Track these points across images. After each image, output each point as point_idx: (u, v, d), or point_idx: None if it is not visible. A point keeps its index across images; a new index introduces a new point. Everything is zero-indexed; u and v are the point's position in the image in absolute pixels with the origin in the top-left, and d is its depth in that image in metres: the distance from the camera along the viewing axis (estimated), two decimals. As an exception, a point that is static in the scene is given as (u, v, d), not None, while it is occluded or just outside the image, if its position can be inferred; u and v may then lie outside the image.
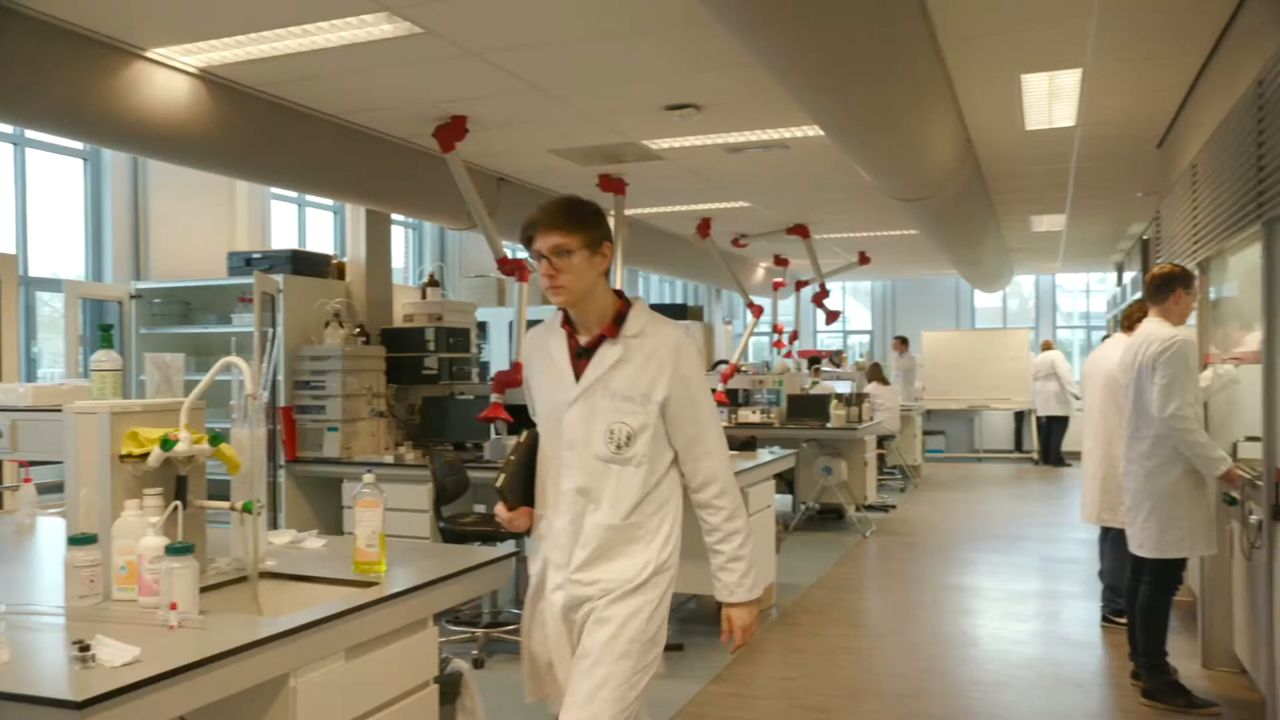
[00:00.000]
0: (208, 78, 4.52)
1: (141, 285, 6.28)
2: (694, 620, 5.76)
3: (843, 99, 4.07)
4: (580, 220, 2.41)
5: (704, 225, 9.37)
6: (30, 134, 5.93)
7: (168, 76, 4.32)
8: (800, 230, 9.88)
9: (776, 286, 12.02)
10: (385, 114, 5.35)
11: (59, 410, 2.48)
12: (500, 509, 2.52)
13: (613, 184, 7.02)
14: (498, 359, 8.88)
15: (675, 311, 13.43)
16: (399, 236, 9.29)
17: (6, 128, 5.78)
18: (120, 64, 4.10)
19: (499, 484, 2.50)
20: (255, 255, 6.23)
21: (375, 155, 5.74)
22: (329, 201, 8.38)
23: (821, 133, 5.48)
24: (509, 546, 4.48)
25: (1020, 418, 14.95)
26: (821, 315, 10.65)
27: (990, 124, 5.95)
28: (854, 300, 18.15)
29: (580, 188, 7.40)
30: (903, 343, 14.61)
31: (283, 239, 7.81)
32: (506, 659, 4.99)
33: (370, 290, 6.51)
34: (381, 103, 5.12)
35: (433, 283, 6.89)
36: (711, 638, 5.34)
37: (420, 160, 6.03)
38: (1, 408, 2.60)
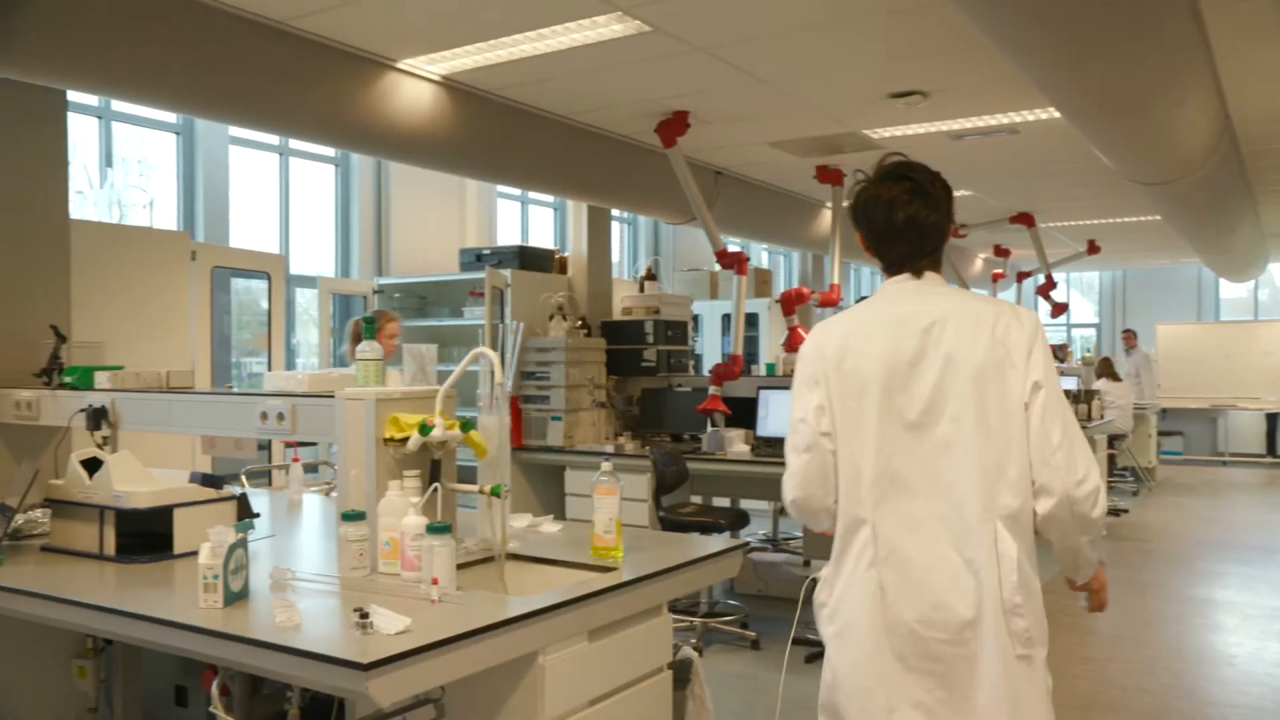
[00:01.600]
0: (449, 84, 4.79)
1: (383, 281, 6.73)
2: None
3: (1087, 78, 3.83)
4: None
5: (922, 215, 9.05)
6: (292, 144, 6.48)
7: (414, 85, 4.60)
8: (1025, 219, 9.39)
9: (995, 278, 11.49)
10: (609, 112, 5.48)
11: (331, 396, 2.69)
12: None
13: (830, 175, 6.91)
14: (710, 352, 8.95)
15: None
16: (615, 231, 9.54)
17: (273, 139, 6.34)
18: (375, 75, 4.41)
19: None
20: (485, 251, 6.55)
21: (599, 153, 5.91)
22: (550, 198, 8.70)
23: (1057, 115, 5.19)
24: (725, 539, 4.50)
25: (1274, 420, 13.62)
26: (1043, 308, 10.09)
27: (1253, 97, 5.44)
28: (1077, 292, 17.07)
29: (797, 180, 7.35)
30: (1132, 337, 13.62)
31: (507, 235, 8.18)
32: (723, 649, 5.03)
33: (591, 284, 6.71)
34: (606, 101, 5.26)
35: (650, 276, 7.03)
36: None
37: (641, 156, 6.15)
38: (282, 393, 2.86)
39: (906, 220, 2.07)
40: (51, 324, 3.60)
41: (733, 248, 6.01)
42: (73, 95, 3.93)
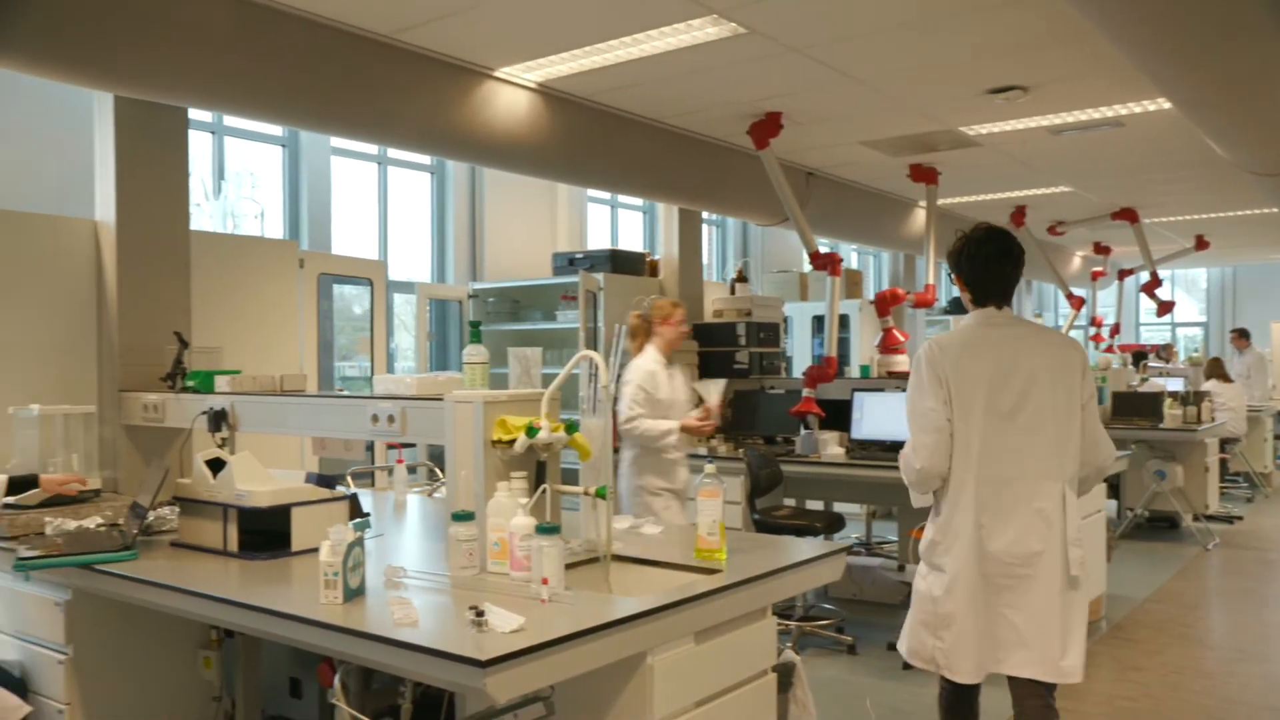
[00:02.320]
0: (544, 91, 4.87)
1: (477, 286, 6.86)
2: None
3: (1207, 64, 3.69)
4: None
5: (1018, 213, 8.86)
6: (390, 153, 6.66)
7: (511, 92, 4.69)
8: (1128, 214, 9.10)
9: (1095, 276, 11.15)
10: (701, 115, 5.50)
11: (439, 399, 2.76)
12: None
13: (924, 174, 6.81)
14: (801, 354, 8.88)
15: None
16: (704, 233, 9.52)
17: (372, 149, 6.52)
18: (473, 84, 4.50)
19: None
20: (578, 255, 6.62)
21: (691, 156, 5.93)
22: (639, 201, 8.75)
23: (1166, 106, 5.03)
24: (821, 542, 4.47)
25: (1398, 422, 12.89)
26: (1143, 307, 9.76)
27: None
28: (1182, 290, 16.44)
29: (890, 179, 7.27)
30: (1244, 336, 13.04)
31: (598, 239, 8.26)
32: (819, 653, 4.99)
33: (682, 286, 6.73)
34: (699, 104, 5.28)
35: (741, 278, 7.01)
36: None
37: (733, 158, 6.15)
38: (392, 396, 2.94)
39: (1000, 272, 2.90)
40: (175, 330, 3.77)
41: (823, 249, 5.96)
42: (190, 113, 4.10)
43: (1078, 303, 9.46)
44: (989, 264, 2.88)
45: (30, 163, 4.57)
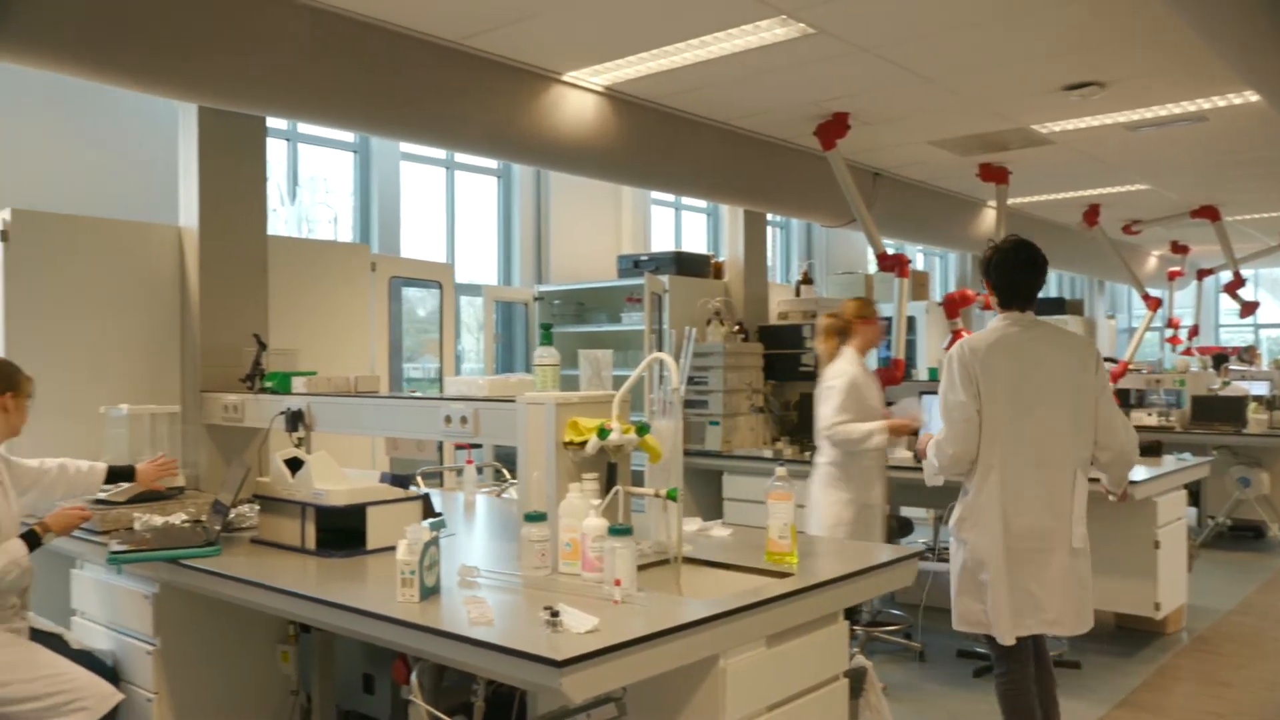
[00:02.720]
0: (611, 94, 4.89)
1: (543, 288, 6.91)
2: (1087, 638, 5.33)
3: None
4: None
5: (1091, 212, 8.66)
6: (458, 158, 6.75)
7: (579, 96, 4.73)
8: (1208, 212, 8.83)
9: (1172, 276, 10.83)
10: (767, 116, 5.48)
11: (511, 400, 2.79)
12: None
13: (994, 173, 6.70)
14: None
15: (1052, 306, 12.55)
16: (768, 235, 9.49)
17: (440, 154, 6.61)
18: (540, 88, 4.55)
19: None
20: (642, 257, 6.64)
21: (756, 157, 5.91)
22: (702, 203, 8.75)
23: (1254, 99, 4.88)
24: (887, 547, 4.42)
25: None
26: (1224, 308, 9.46)
27: None
28: (1265, 291, 15.89)
29: (958, 178, 7.16)
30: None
31: (661, 241, 8.27)
32: (887, 659, 4.93)
33: (748, 288, 6.71)
34: (765, 106, 5.26)
35: (807, 280, 6.97)
36: (1108, 656, 4.95)
37: (799, 160, 6.11)
38: (465, 397, 2.98)
39: (1025, 281, 3.23)
40: (254, 333, 3.87)
41: (890, 250, 5.89)
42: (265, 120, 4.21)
43: (1154, 304, 9.21)
44: (1016, 273, 3.22)
45: (118, 172, 4.73)
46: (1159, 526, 4.96)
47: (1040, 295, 3.33)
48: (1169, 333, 9.77)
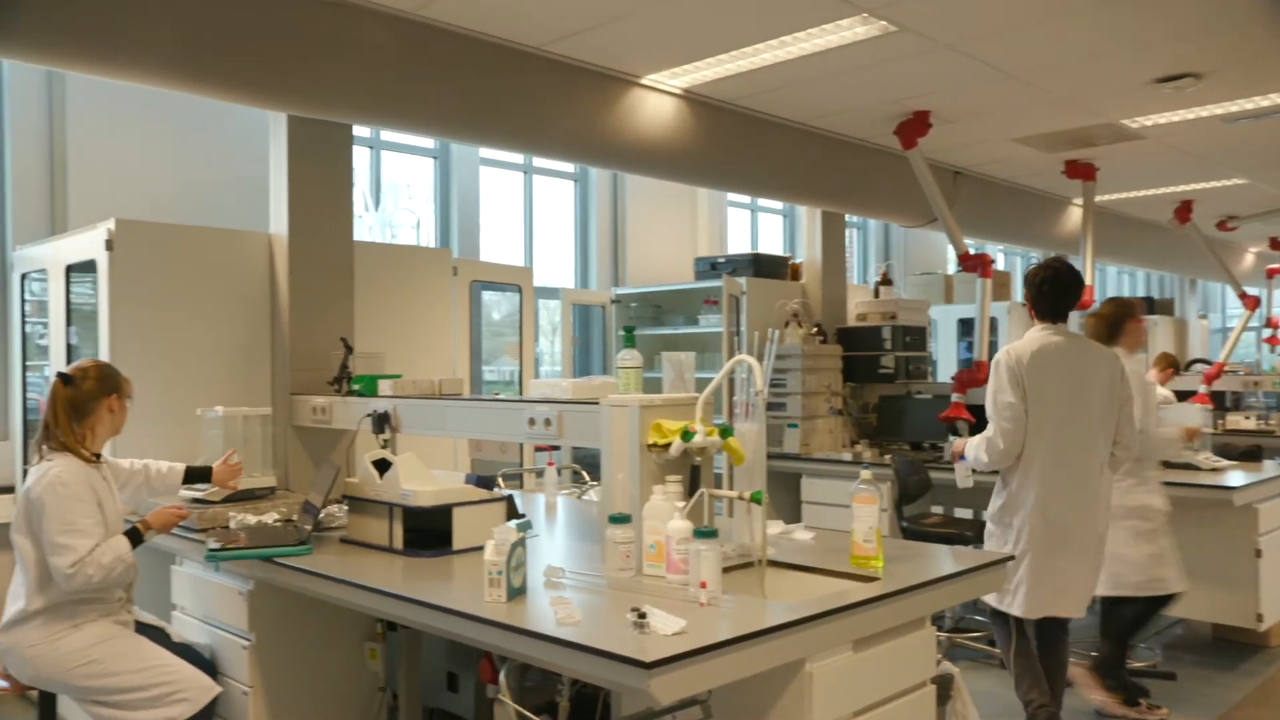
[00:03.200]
0: (689, 96, 4.90)
1: (620, 291, 6.94)
2: (1182, 647, 5.18)
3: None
4: None
5: (1184, 208, 8.37)
6: (535, 162, 6.82)
7: (657, 99, 4.74)
8: (1309, 207, 8.48)
9: (1271, 274, 10.39)
10: (846, 116, 5.42)
11: (594, 403, 2.81)
12: None
13: (1081, 170, 6.52)
14: (945, 358, 8.64)
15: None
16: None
17: (518, 158, 6.69)
18: (621, 92, 4.57)
19: None
20: (720, 260, 6.62)
21: (835, 157, 5.85)
22: (779, 205, 8.69)
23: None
24: (974, 552, 4.33)
25: None
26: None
27: None
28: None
29: (1043, 176, 7.00)
30: None
31: (738, 243, 8.24)
32: (969, 666, 4.84)
33: (826, 290, 6.65)
34: (844, 105, 5.20)
35: (886, 281, 6.87)
36: (1206, 669, 4.79)
37: (878, 159, 6.04)
38: (549, 400, 3.01)
39: (1065, 300, 3.64)
40: (341, 337, 3.96)
41: (970, 249, 5.78)
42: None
43: (1251, 302, 8.85)
44: (1060, 294, 3.63)
45: (213, 181, 4.89)
46: (1260, 534, 4.78)
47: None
48: (1267, 332, 9.38)
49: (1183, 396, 6.48)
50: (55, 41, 3.11)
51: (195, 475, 3.44)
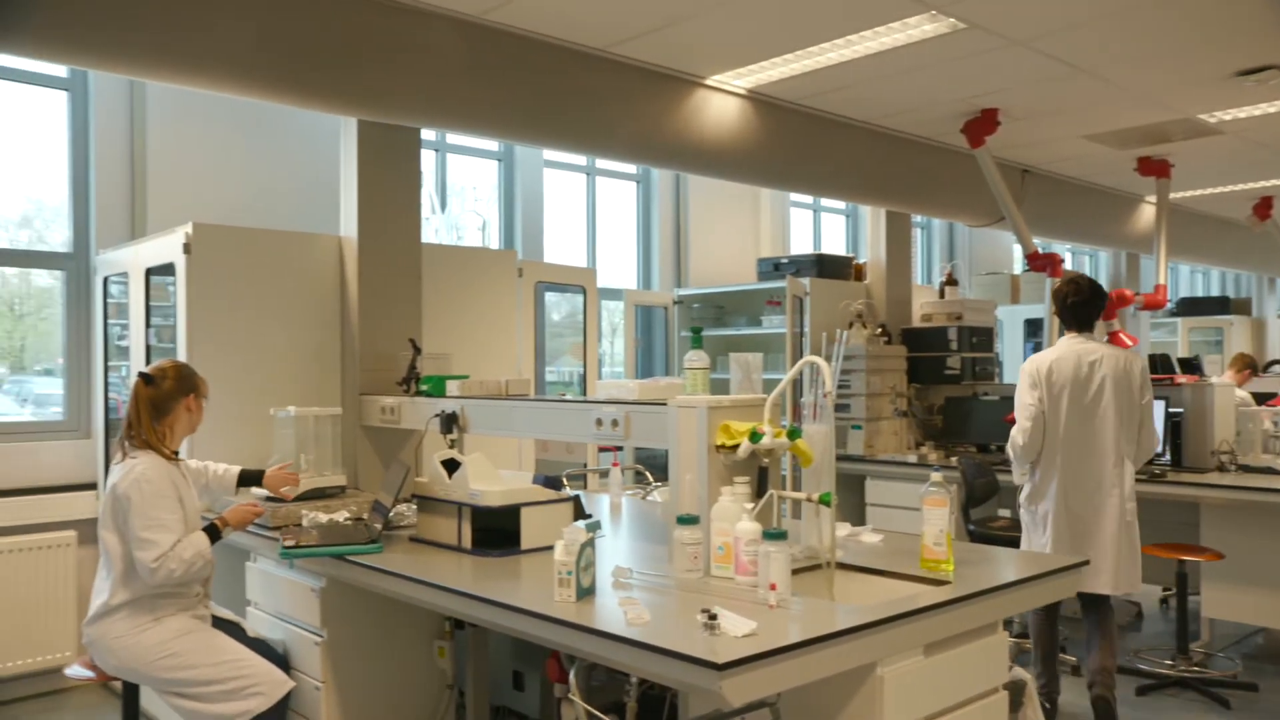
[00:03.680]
0: (754, 97, 4.88)
1: (682, 292, 6.93)
2: (1264, 658, 5.02)
3: None
4: None
5: (1263, 205, 8.13)
6: (598, 164, 6.85)
7: (721, 100, 4.73)
8: (1397, 203, 8.17)
9: (1355, 272, 10.07)
10: (913, 115, 5.36)
11: (662, 404, 2.81)
12: None
13: (1154, 167, 6.37)
14: (1011, 359, 8.49)
15: (1215, 305, 11.84)
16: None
17: (581, 160, 6.73)
18: (685, 93, 4.57)
19: None
20: (783, 260, 6.58)
21: (901, 157, 5.79)
22: (841, 205, 8.62)
23: None
24: (1044, 556, 4.25)
25: None
26: None
27: None
28: None
29: (1114, 173, 6.84)
30: None
31: (800, 244, 8.19)
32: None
33: (890, 290, 6.57)
34: (911, 104, 5.15)
35: (951, 281, 6.78)
36: (1287, 680, 4.64)
37: (944, 158, 5.96)
38: (616, 400, 3.02)
39: (1090, 313, 4.00)
40: (409, 337, 4.02)
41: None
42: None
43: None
44: (1085, 307, 3.98)
45: (286, 186, 5.00)
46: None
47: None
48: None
49: (1261, 399, 6.29)
50: (136, 54, 3.21)
51: (248, 479, 3.49)
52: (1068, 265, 10.58)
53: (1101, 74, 4.69)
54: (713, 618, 2.06)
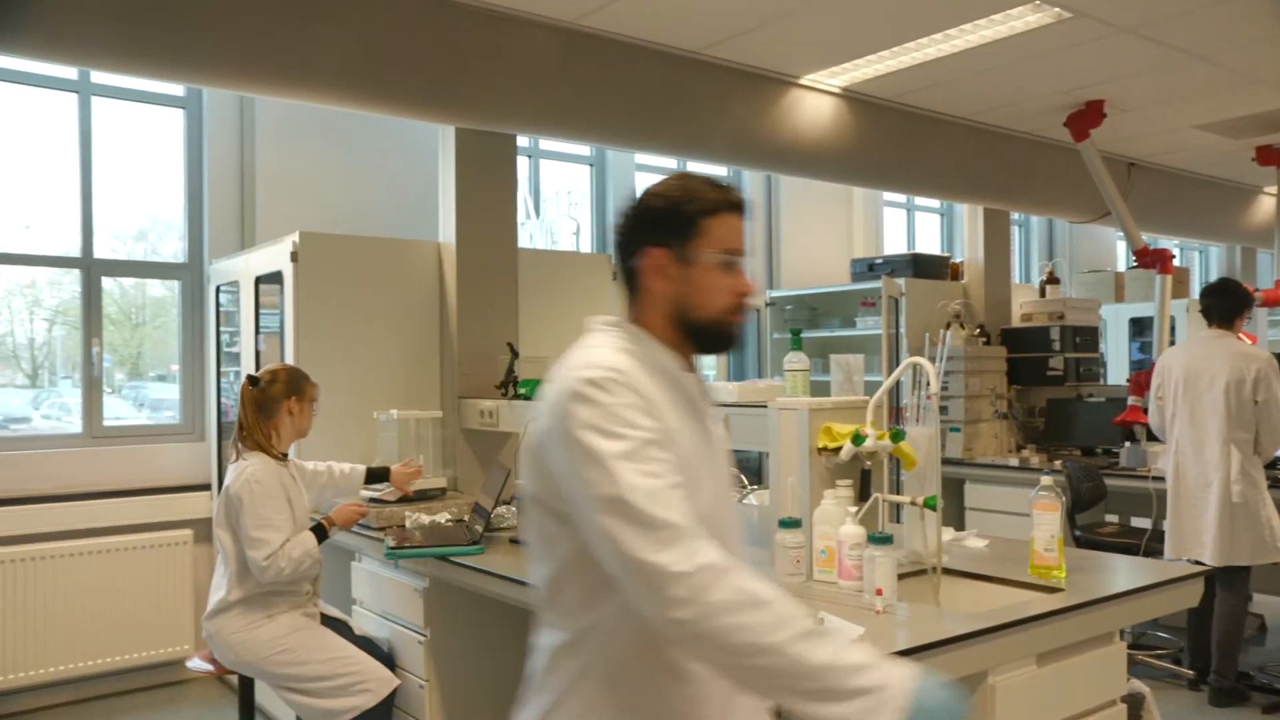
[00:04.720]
0: (848, 95, 4.82)
1: (774, 293, 6.88)
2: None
3: None
4: None
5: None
6: (690, 166, 6.84)
7: (815, 99, 4.69)
8: None
9: None
10: (1013, 109, 5.22)
11: (762, 406, 2.79)
12: None
13: (1274, 156, 6.08)
14: (1117, 359, 8.19)
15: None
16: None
17: (672, 162, 6.72)
18: (780, 93, 4.55)
19: None
20: (877, 260, 6.48)
21: (1000, 153, 5.65)
22: (935, 204, 8.44)
23: None
24: (1162, 564, 4.09)
25: None
26: None
27: None
28: None
29: (1227, 164, 6.58)
30: None
31: (894, 244, 8.04)
32: (1153, 685, 4.55)
33: (989, 290, 6.41)
34: (1011, 98, 5.01)
35: (1052, 279, 6.58)
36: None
37: (1045, 153, 5.80)
38: (716, 403, 3.00)
39: (1233, 306, 4.35)
40: (507, 342, 4.07)
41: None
42: (514, 138, 4.43)
43: None
44: (1228, 303, 4.32)
45: (387, 194, 5.12)
46: None
47: None
48: None
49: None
50: (245, 70, 3.33)
51: (374, 476, 3.60)
52: (1177, 262, 10.20)
53: (1216, 59, 4.50)
54: (820, 622, 2.03)
